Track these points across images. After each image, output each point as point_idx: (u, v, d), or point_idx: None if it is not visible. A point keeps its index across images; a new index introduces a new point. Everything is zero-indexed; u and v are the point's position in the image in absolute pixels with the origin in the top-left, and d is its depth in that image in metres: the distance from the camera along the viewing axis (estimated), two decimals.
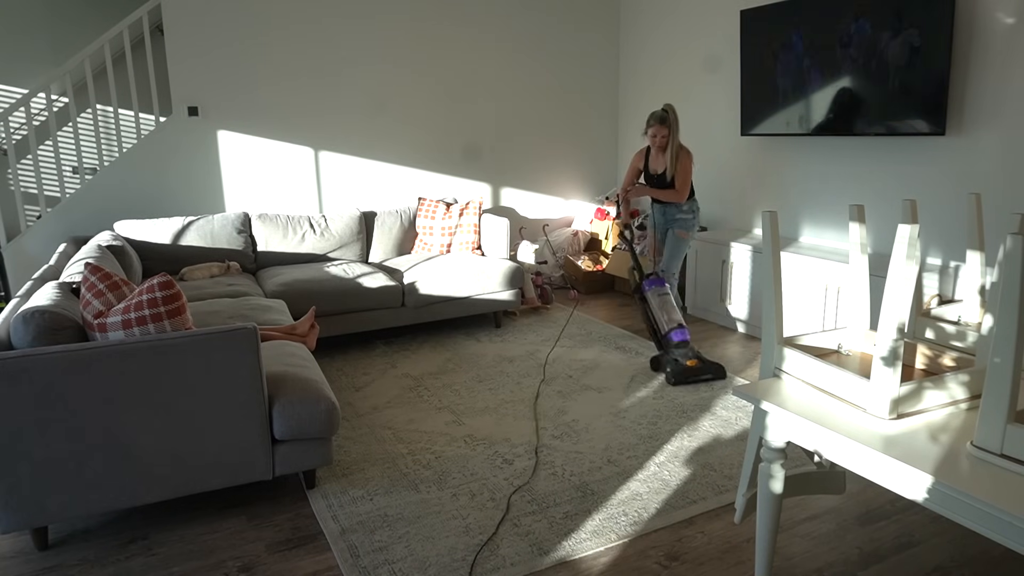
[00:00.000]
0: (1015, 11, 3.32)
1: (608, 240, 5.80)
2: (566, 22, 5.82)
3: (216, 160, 4.77)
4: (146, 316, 2.29)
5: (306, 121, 5.00)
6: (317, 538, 2.38)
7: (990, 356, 1.37)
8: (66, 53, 5.70)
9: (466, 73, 5.49)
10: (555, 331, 4.61)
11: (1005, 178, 3.45)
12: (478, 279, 4.46)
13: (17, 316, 2.22)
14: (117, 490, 2.28)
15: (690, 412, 3.31)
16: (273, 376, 2.56)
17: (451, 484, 2.69)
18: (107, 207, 4.52)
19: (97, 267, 2.51)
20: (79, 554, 2.31)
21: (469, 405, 3.43)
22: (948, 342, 1.95)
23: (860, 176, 4.18)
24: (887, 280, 1.54)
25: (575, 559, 2.24)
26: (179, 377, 2.28)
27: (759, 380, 1.92)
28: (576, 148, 6.11)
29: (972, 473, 1.38)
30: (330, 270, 4.35)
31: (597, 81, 6.07)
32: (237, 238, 4.50)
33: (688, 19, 5.32)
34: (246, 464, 2.44)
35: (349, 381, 3.78)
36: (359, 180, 5.26)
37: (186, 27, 4.52)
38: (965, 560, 2.20)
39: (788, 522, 2.41)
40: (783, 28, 4.31)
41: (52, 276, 3.17)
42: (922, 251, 3.83)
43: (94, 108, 4.55)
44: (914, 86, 3.65)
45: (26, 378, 2.09)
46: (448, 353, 4.21)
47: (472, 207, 4.89)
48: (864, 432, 1.57)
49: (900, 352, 1.55)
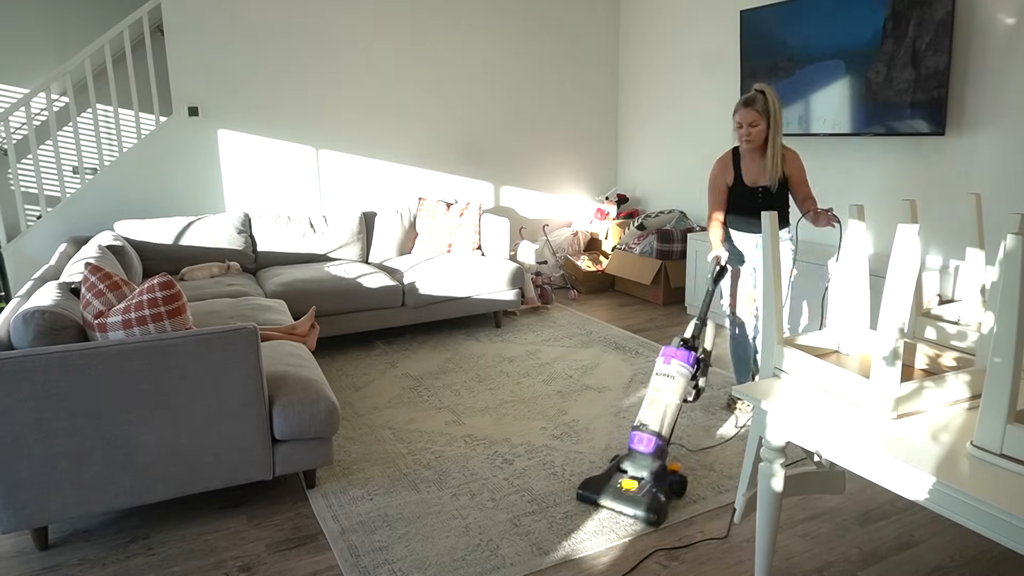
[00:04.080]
0: (1015, 11, 3.32)
1: (608, 240, 5.80)
2: (566, 22, 5.82)
3: (216, 160, 4.77)
4: (146, 316, 2.29)
5: (306, 121, 5.00)
6: (317, 538, 2.38)
7: (990, 356, 1.37)
8: (66, 53, 5.70)
9: (466, 73, 5.49)
10: (555, 331, 4.61)
11: (1005, 178, 3.45)
12: (478, 279, 4.46)
13: (17, 316, 2.22)
14: (117, 490, 2.28)
15: (690, 412, 3.30)
16: (273, 376, 2.56)
17: (451, 484, 2.69)
18: (107, 207, 4.52)
19: (97, 267, 2.51)
20: (79, 554, 2.31)
21: (469, 405, 3.43)
22: (948, 342, 1.95)
23: (860, 176, 4.18)
24: (887, 280, 1.54)
25: (575, 559, 2.24)
26: (179, 377, 2.28)
27: (759, 380, 1.92)
28: (576, 148, 6.11)
29: (972, 473, 1.38)
30: (330, 270, 4.35)
31: (597, 81, 6.07)
32: (237, 238, 4.50)
33: (688, 19, 5.31)
34: (246, 464, 2.44)
35: (349, 381, 3.78)
36: (360, 180, 5.26)
37: (186, 27, 4.52)
38: (965, 560, 2.20)
39: (788, 522, 2.41)
40: (783, 28, 4.31)
41: (52, 276, 3.17)
42: (922, 251, 3.84)
43: (94, 108, 4.55)
44: (914, 86, 3.65)
45: (26, 378, 2.09)
46: (448, 353, 4.21)
47: (472, 207, 4.89)
48: (864, 432, 1.57)
49: (900, 352, 1.55)
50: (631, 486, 2.47)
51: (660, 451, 2.51)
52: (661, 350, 2.77)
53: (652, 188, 5.97)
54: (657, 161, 5.87)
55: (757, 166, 3.01)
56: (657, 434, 2.51)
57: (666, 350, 2.65)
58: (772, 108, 2.88)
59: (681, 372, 2.60)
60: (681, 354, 2.62)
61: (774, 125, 2.90)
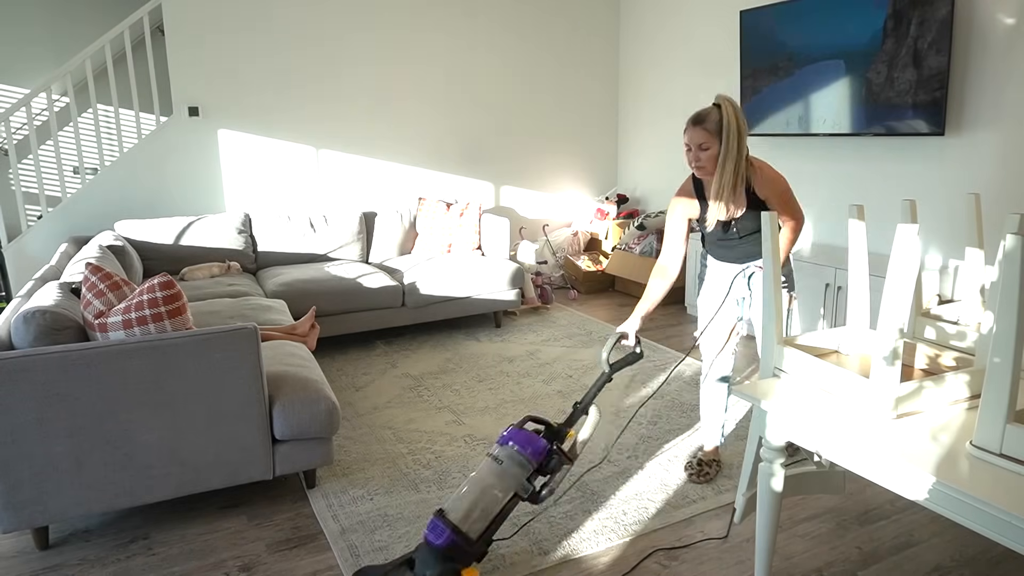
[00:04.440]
0: (1015, 11, 3.32)
1: (608, 240, 5.80)
2: (567, 22, 5.82)
3: (216, 160, 4.78)
4: (147, 316, 2.29)
5: (307, 120, 5.00)
6: (317, 538, 2.38)
7: (990, 356, 1.37)
8: (67, 53, 5.71)
9: (467, 73, 5.49)
10: (555, 331, 4.61)
11: (1005, 178, 3.45)
12: (478, 279, 4.46)
13: (18, 316, 2.22)
14: (117, 490, 2.28)
15: (690, 412, 3.31)
16: (273, 376, 2.57)
17: (451, 484, 2.69)
18: (108, 207, 4.52)
19: (98, 267, 2.51)
20: (80, 554, 2.31)
21: (469, 405, 3.43)
22: (948, 342, 1.95)
23: (860, 176, 4.18)
24: (887, 280, 1.54)
25: (575, 559, 2.24)
26: (179, 377, 2.28)
27: (759, 380, 1.92)
28: (576, 148, 6.11)
29: (971, 473, 1.38)
30: (331, 270, 4.35)
31: (597, 81, 6.07)
32: (237, 238, 4.50)
33: (688, 19, 5.32)
34: (246, 464, 2.44)
35: (349, 381, 3.79)
36: (360, 180, 5.26)
37: (187, 27, 4.53)
38: (965, 560, 2.20)
39: (788, 522, 2.41)
40: (783, 28, 4.31)
41: (53, 276, 3.17)
42: (922, 251, 3.84)
43: (95, 108, 4.55)
44: (914, 86, 3.65)
45: (27, 378, 2.09)
46: (448, 353, 4.21)
47: (472, 207, 4.89)
48: (864, 432, 1.57)
49: (900, 352, 1.55)
50: None
51: (454, 550, 1.91)
52: (505, 429, 2.11)
53: (652, 188, 5.97)
54: (657, 161, 5.87)
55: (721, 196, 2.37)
56: (455, 528, 1.92)
57: (510, 431, 2.07)
58: (727, 126, 2.23)
59: (516, 461, 2.00)
60: (524, 439, 2.03)
61: (725, 147, 2.25)
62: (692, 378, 3.72)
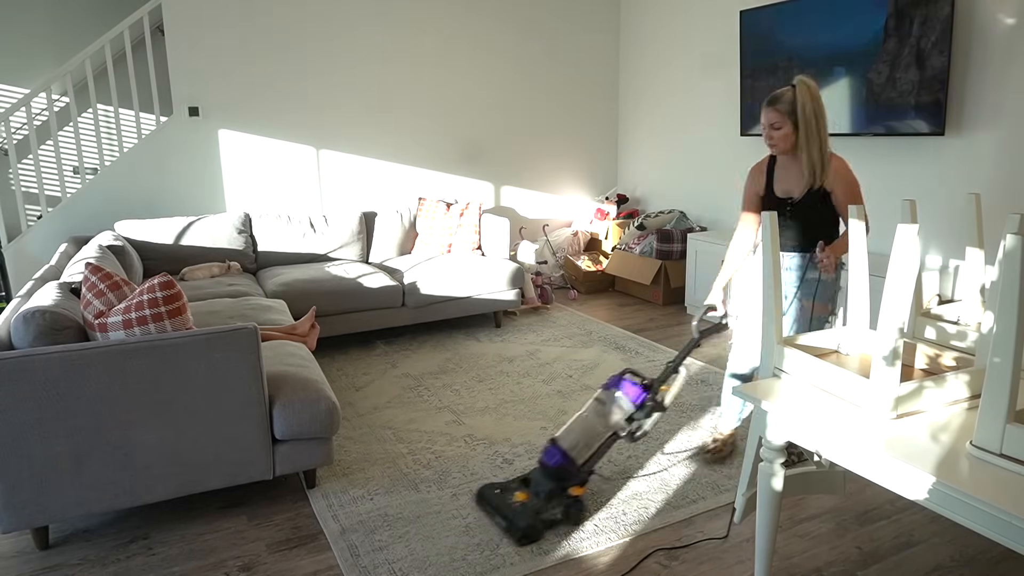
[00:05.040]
0: (1015, 11, 3.32)
1: (608, 240, 5.80)
2: (567, 22, 5.82)
3: (217, 160, 4.78)
4: (147, 316, 2.29)
5: (307, 120, 5.00)
6: (317, 538, 2.38)
7: (990, 356, 1.37)
8: (67, 53, 5.70)
9: (467, 72, 5.49)
10: (555, 331, 4.61)
11: (1005, 178, 3.45)
12: (478, 279, 4.46)
13: (18, 316, 2.22)
14: (117, 490, 2.28)
15: (690, 412, 3.31)
16: (273, 376, 2.57)
17: (451, 484, 2.69)
18: (108, 207, 4.52)
19: (98, 267, 2.51)
20: (80, 554, 2.31)
21: (469, 405, 3.43)
22: (948, 342, 1.95)
23: (860, 176, 4.17)
24: (887, 280, 1.54)
25: (575, 559, 2.24)
26: (179, 377, 2.28)
27: (759, 380, 1.92)
28: (576, 148, 6.11)
29: (972, 473, 1.38)
30: (331, 270, 4.35)
31: (597, 81, 6.07)
32: (238, 238, 4.50)
33: (688, 19, 5.32)
34: (246, 464, 2.44)
35: (349, 381, 3.79)
36: (360, 180, 5.26)
37: (186, 27, 4.53)
38: (965, 560, 2.20)
39: (788, 522, 2.41)
40: (783, 28, 4.31)
41: (53, 276, 3.17)
42: (922, 251, 3.84)
43: (95, 108, 4.55)
44: (914, 86, 3.65)
45: (27, 378, 2.09)
46: (448, 353, 4.21)
47: (472, 207, 4.89)
48: (864, 432, 1.57)
49: (900, 351, 1.55)
50: (522, 497, 2.38)
51: (562, 472, 2.34)
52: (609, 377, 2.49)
53: (652, 188, 5.97)
54: (657, 161, 5.87)
55: (790, 174, 2.54)
56: (564, 453, 2.34)
57: (613, 379, 2.43)
58: (802, 107, 2.38)
59: (619, 404, 2.37)
60: (628, 387, 2.39)
61: (803, 127, 2.40)
62: (692, 378, 3.72)
